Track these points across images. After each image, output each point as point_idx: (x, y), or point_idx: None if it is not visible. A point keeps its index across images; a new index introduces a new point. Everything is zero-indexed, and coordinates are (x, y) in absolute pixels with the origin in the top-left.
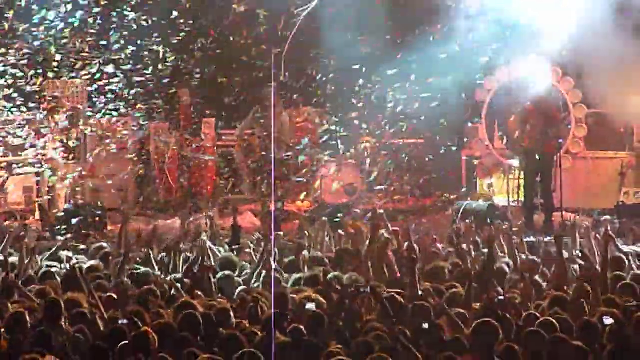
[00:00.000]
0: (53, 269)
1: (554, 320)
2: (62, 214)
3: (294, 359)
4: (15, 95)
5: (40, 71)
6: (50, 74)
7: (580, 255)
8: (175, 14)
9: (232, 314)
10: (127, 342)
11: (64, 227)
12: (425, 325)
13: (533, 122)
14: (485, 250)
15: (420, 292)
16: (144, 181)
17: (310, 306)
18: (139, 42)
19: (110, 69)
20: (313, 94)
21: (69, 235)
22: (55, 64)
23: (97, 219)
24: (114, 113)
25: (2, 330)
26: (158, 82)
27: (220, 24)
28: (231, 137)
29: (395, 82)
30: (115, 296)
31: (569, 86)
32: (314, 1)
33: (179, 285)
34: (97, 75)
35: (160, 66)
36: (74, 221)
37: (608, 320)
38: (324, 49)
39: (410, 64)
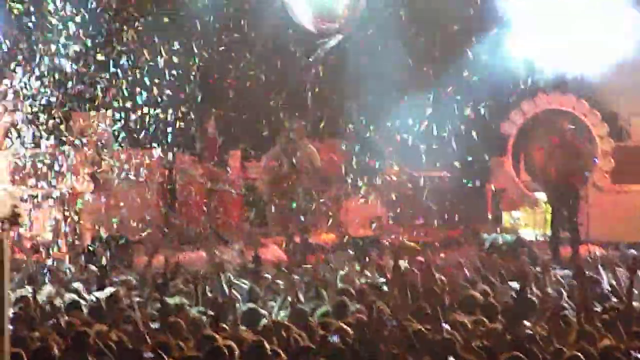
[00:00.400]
0: (79, 301)
1: (581, 355)
2: (88, 246)
3: None
4: (42, 127)
5: (66, 103)
6: (76, 106)
7: (609, 289)
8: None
9: (266, 345)
10: None
11: (89, 259)
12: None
13: (559, 155)
14: (512, 284)
15: (446, 326)
16: (169, 213)
17: (334, 339)
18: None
19: (135, 100)
20: (338, 125)
21: (94, 268)
22: (80, 96)
23: (123, 250)
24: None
25: None
26: (184, 114)
27: (244, 58)
28: (257, 169)
29: (421, 115)
30: (141, 328)
31: (596, 119)
32: (339, 36)
33: (203, 317)
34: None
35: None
36: (99, 253)
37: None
38: (350, 80)
39: (437, 96)
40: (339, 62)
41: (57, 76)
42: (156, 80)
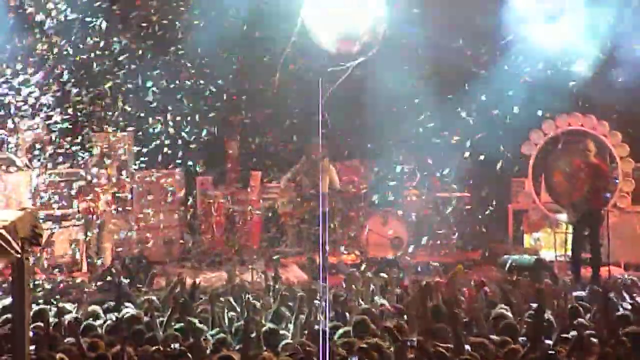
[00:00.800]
0: (98, 322)
1: None
2: (109, 267)
3: None
4: (63, 147)
5: (87, 125)
6: (96, 128)
7: (630, 308)
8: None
9: None
10: None
11: (110, 279)
12: None
13: (580, 176)
14: (533, 304)
15: (467, 346)
16: (190, 234)
17: (355, 359)
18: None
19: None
20: (359, 145)
21: (115, 289)
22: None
23: (144, 271)
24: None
25: None
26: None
27: (268, 82)
28: (277, 189)
29: (441, 135)
30: (161, 348)
31: (617, 140)
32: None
33: (226, 337)
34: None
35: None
36: (120, 274)
37: None
38: (369, 100)
39: (457, 118)
40: (359, 83)
41: (77, 97)
42: (177, 103)
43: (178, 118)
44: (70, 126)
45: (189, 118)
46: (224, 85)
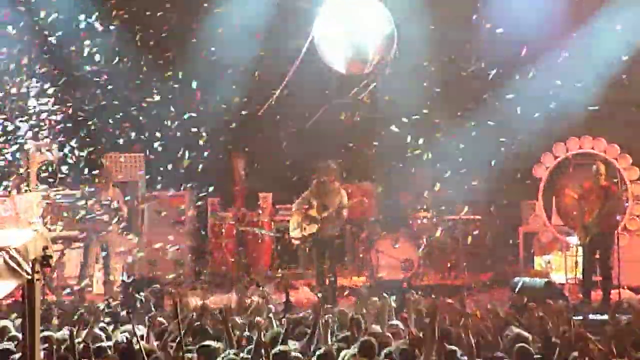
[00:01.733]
0: (109, 343)
1: None
2: (119, 287)
3: None
4: (74, 167)
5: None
6: (108, 147)
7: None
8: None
9: None
10: None
11: (121, 300)
12: None
13: (590, 199)
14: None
15: None
16: (200, 255)
17: None
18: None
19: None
20: (370, 167)
21: (124, 310)
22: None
23: (153, 292)
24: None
25: None
26: (216, 156)
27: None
28: (288, 211)
29: (451, 159)
30: None
31: (627, 163)
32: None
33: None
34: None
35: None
36: (130, 295)
37: None
38: (380, 122)
39: (467, 139)
40: (370, 105)
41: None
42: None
43: (189, 139)
44: (81, 147)
45: (199, 139)
46: (236, 104)
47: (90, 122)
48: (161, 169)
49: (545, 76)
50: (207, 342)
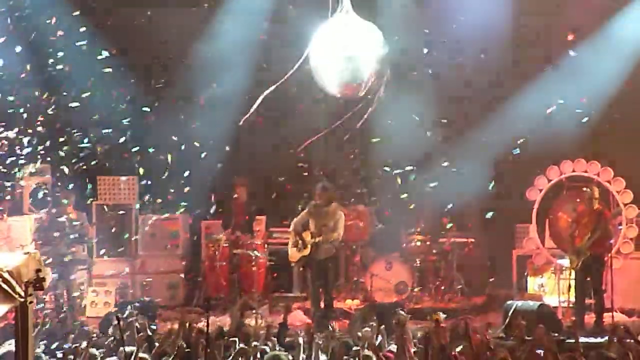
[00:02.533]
0: None
1: None
2: (113, 311)
3: None
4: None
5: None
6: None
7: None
8: None
9: None
10: None
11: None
12: None
13: (583, 223)
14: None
15: None
16: (194, 278)
17: None
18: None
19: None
20: (363, 191)
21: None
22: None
23: (149, 315)
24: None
25: None
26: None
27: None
28: (282, 234)
29: (446, 179)
30: None
31: (620, 186)
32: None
33: None
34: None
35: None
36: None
37: None
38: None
39: (461, 161)
40: (365, 127)
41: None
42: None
43: (182, 161)
44: (74, 170)
45: (192, 162)
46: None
47: (83, 145)
48: (156, 191)
49: (539, 97)
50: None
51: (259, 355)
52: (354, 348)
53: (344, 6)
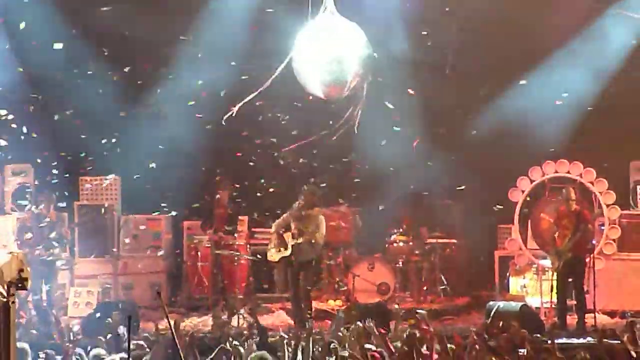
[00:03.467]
0: None
1: None
2: (95, 311)
3: None
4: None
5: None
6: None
7: None
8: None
9: None
10: None
11: (97, 324)
12: None
13: (563, 224)
14: (521, 351)
15: None
16: (176, 278)
17: None
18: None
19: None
20: (346, 192)
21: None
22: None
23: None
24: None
25: None
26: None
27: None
28: (264, 235)
29: (427, 180)
30: None
31: (603, 187)
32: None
33: None
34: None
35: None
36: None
37: None
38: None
39: (444, 161)
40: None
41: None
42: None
43: (165, 162)
44: (56, 170)
45: (175, 162)
46: (211, 129)
47: (66, 144)
48: (137, 191)
49: (520, 98)
50: None
51: (242, 356)
52: (334, 346)
53: (328, 7)
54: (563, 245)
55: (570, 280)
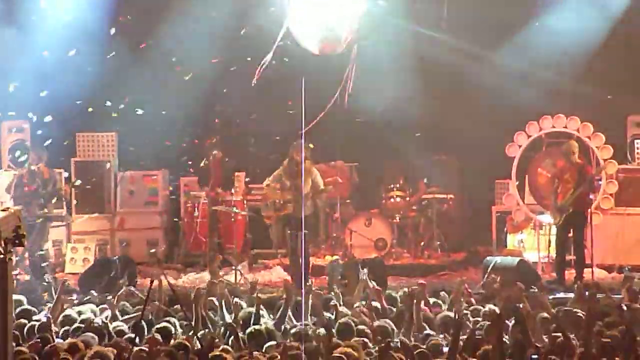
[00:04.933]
0: (80, 324)
1: None
2: (92, 267)
3: None
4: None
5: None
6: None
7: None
8: None
9: None
10: None
11: (95, 279)
12: None
13: (565, 178)
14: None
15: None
16: (173, 235)
17: None
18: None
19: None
20: (343, 148)
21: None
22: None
23: (127, 272)
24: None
25: None
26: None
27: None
28: (261, 191)
29: (424, 137)
30: (146, 350)
31: (600, 142)
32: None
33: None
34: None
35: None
36: (103, 275)
37: None
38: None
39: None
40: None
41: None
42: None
43: (162, 118)
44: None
45: (172, 119)
46: (207, 87)
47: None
48: (131, 148)
49: (518, 54)
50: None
51: (240, 313)
52: (332, 303)
53: None
54: (565, 200)
55: (570, 235)
